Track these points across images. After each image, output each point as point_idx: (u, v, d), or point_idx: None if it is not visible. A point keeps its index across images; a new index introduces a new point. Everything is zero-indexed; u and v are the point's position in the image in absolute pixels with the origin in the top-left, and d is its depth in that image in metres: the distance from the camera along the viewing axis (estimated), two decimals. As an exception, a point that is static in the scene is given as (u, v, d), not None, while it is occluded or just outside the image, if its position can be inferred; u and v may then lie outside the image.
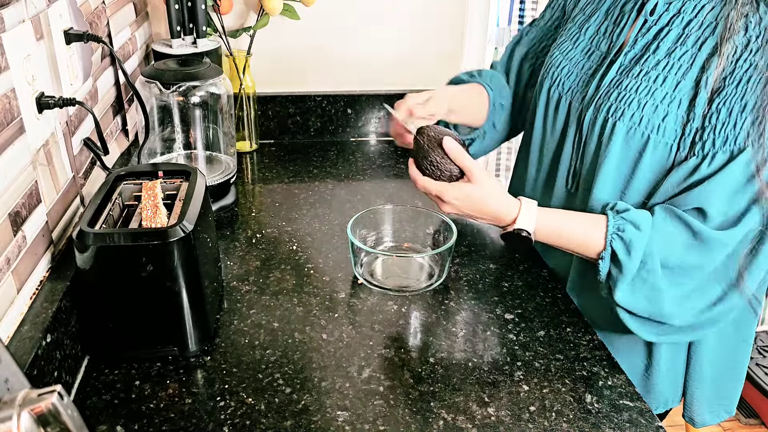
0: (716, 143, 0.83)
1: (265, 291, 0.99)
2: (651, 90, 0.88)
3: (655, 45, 0.89)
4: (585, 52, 0.98)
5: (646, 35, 0.91)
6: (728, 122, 0.82)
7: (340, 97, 1.57)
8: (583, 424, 0.76)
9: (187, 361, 0.84)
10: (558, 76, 1.00)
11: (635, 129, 0.88)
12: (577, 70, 0.98)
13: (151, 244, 0.77)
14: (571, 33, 1.02)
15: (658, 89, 0.87)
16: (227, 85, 1.25)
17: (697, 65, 0.86)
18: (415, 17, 1.54)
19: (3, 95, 0.71)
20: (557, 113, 1.00)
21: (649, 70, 0.89)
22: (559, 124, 1.01)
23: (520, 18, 1.78)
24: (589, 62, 0.97)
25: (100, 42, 0.98)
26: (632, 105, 0.88)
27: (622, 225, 0.86)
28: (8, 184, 0.71)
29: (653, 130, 0.87)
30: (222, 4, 1.38)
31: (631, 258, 0.85)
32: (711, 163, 0.84)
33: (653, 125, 0.87)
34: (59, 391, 0.43)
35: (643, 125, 0.88)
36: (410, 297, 0.99)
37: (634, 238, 0.85)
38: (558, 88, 1.00)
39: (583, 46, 0.99)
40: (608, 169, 0.91)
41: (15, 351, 0.69)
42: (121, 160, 1.21)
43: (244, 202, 1.28)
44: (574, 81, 0.98)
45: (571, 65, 0.99)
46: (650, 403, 1.01)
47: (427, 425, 0.75)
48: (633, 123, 0.88)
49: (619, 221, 0.87)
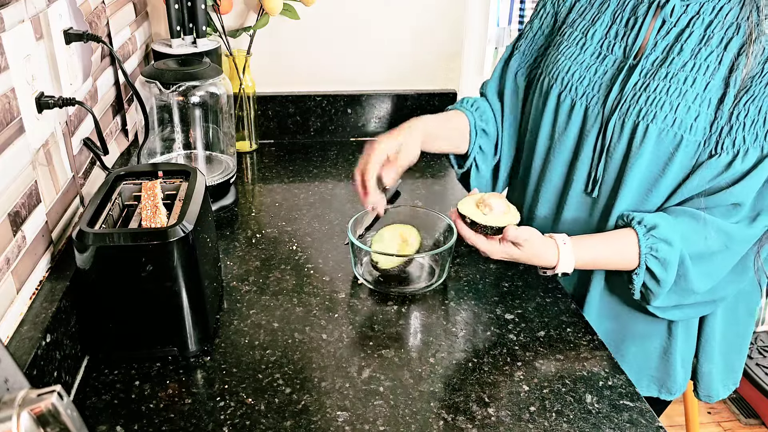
0: (746, 140, 0.86)
1: (265, 291, 0.99)
2: (682, 91, 0.89)
3: (679, 47, 0.90)
4: (596, 56, 0.98)
5: (666, 37, 0.92)
6: (758, 120, 0.85)
7: (340, 97, 1.57)
8: (583, 424, 0.76)
9: (187, 361, 0.84)
10: (569, 81, 0.99)
11: (668, 130, 0.89)
12: (590, 75, 0.97)
13: (151, 244, 0.77)
14: (575, 38, 1.01)
15: (689, 90, 0.88)
16: (227, 85, 1.25)
17: (724, 65, 0.87)
18: (415, 17, 1.54)
19: (3, 95, 0.71)
20: (570, 119, 0.99)
21: (676, 72, 0.89)
22: (573, 130, 1.00)
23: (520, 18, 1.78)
24: (603, 66, 0.96)
25: (99, 42, 0.98)
26: (664, 107, 0.89)
27: (655, 244, 0.89)
28: (8, 184, 0.71)
29: (686, 130, 0.88)
30: (222, 4, 1.38)
31: (668, 272, 0.89)
32: (744, 160, 0.86)
33: (686, 125, 0.88)
34: (59, 391, 0.43)
35: (676, 126, 0.89)
36: (410, 297, 0.99)
37: (669, 255, 0.88)
38: (570, 94, 0.99)
39: (593, 50, 0.98)
40: (637, 172, 0.93)
41: (15, 351, 0.69)
42: (121, 160, 1.21)
43: (244, 202, 1.28)
44: (589, 86, 0.97)
45: (582, 70, 0.98)
46: (670, 387, 1.06)
47: (427, 425, 0.75)
48: (665, 125, 0.89)
49: (650, 240, 0.89)
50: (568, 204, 1.02)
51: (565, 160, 1.02)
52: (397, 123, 1.60)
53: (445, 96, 1.60)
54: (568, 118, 1.00)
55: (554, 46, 1.05)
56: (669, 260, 0.88)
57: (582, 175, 1.00)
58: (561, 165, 1.03)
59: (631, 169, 0.93)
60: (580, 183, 1.00)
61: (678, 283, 0.91)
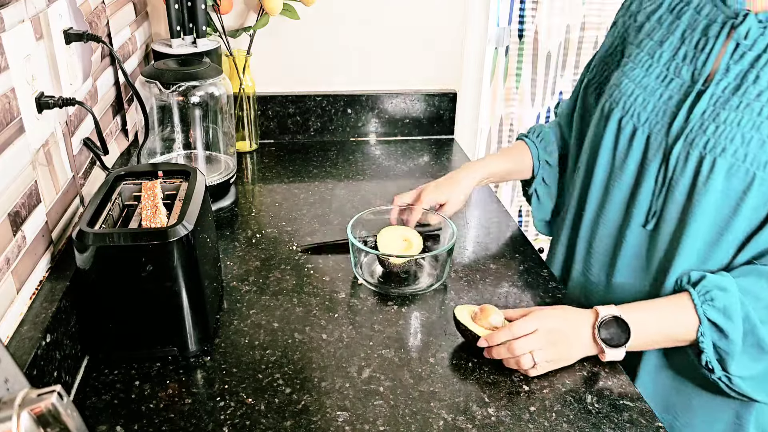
0: None
1: (265, 291, 0.99)
2: (756, 124, 0.79)
3: (755, 74, 0.81)
4: (661, 79, 0.89)
5: (739, 62, 0.82)
6: None
7: (340, 97, 1.57)
8: (583, 424, 0.76)
9: (187, 361, 0.84)
10: (632, 106, 0.91)
11: (738, 166, 0.80)
12: (654, 100, 0.89)
13: (151, 244, 0.77)
14: (641, 60, 0.93)
15: (765, 122, 0.79)
16: (227, 85, 1.25)
17: None
18: (415, 17, 1.54)
19: (3, 95, 0.71)
20: (631, 146, 0.91)
21: (750, 101, 0.80)
22: (635, 159, 0.91)
23: (520, 18, 1.77)
24: (668, 91, 0.88)
25: (99, 42, 0.98)
26: (735, 140, 0.80)
27: (708, 293, 0.81)
28: (8, 184, 0.71)
29: (760, 167, 0.79)
30: (222, 4, 1.38)
31: (733, 321, 0.79)
32: None
33: (760, 162, 0.79)
34: (59, 391, 0.43)
35: (748, 162, 0.79)
36: (410, 297, 0.99)
37: (727, 301, 0.80)
38: (632, 119, 0.91)
39: (657, 73, 0.90)
40: (706, 210, 0.83)
41: (15, 351, 0.69)
42: (121, 160, 1.21)
43: (244, 202, 1.28)
44: (652, 111, 0.89)
45: (646, 94, 0.90)
46: None
47: (427, 425, 0.75)
48: (736, 159, 0.80)
49: (702, 290, 0.81)
50: (627, 238, 0.93)
51: (626, 190, 0.93)
52: (396, 123, 1.61)
53: (445, 96, 1.60)
54: (629, 145, 0.91)
55: (620, 67, 0.97)
56: (729, 307, 0.79)
57: (643, 207, 0.91)
58: (622, 195, 0.94)
59: (697, 206, 0.83)
60: (640, 216, 0.91)
61: (747, 339, 0.80)
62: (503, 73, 1.85)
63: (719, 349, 0.81)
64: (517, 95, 1.88)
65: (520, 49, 1.82)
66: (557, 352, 0.82)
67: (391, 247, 1.04)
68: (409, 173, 1.44)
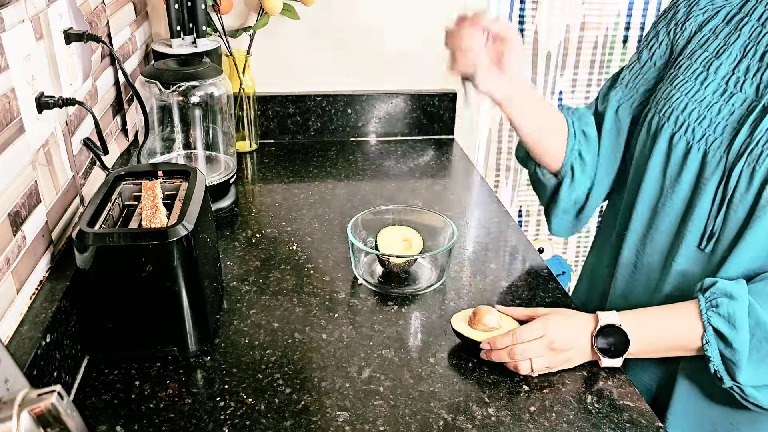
0: None
1: (265, 291, 0.99)
2: None
3: None
4: (720, 93, 0.84)
5: None
6: None
7: (340, 97, 1.57)
8: (583, 424, 0.76)
9: (187, 361, 0.84)
10: (685, 121, 0.86)
11: None
12: (712, 115, 0.84)
13: (151, 244, 0.77)
14: (695, 72, 0.88)
15: None
16: (227, 85, 1.25)
17: None
18: (415, 17, 1.54)
19: (3, 95, 0.71)
20: (685, 164, 0.86)
21: None
22: (689, 177, 0.86)
23: (520, 18, 1.77)
24: (729, 105, 0.83)
25: (99, 42, 0.98)
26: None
27: (714, 300, 0.78)
28: (8, 184, 0.71)
29: None
30: (222, 4, 1.38)
31: (738, 330, 0.76)
32: None
33: None
34: (59, 391, 0.43)
35: None
36: (410, 297, 0.99)
37: (732, 309, 0.77)
38: (685, 135, 0.85)
39: (715, 87, 0.85)
40: (761, 230, 0.79)
41: (15, 351, 0.69)
42: (121, 160, 1.21)
43: (244, 202, 1.28)
44: (710, 127, 0.84)
45: (701, 108, 0.85)
46: None
47: (427, 425, 0.75)
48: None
49: (709, 297, 0.79)
50: (678, 259, 0.88)
51: (678, 210, 0.88)
52: (397, 123, 1.61)
53: (445, 96, 1.60)
54: (683, 163, 0.86)
55: (668, 80, 0.91)
56: (735, 315, 0.76)
57: (698, 228, 0.86)
58: (673, 215, 0.89)
59: (755, 225, 0.80)
60: (694, 237, 0.86)
61: (761, 347, 0.76)
62: (503, 73, 1.85)
63: (725, 358, 0.78)
64: (517, 95, 1.88)
65: (520, 49, 1.82)
66: (557, 360, 0.82)
67: (391, 247, 1.04)
68: (409, 173, 1.44)
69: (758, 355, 0.77)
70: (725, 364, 0.78)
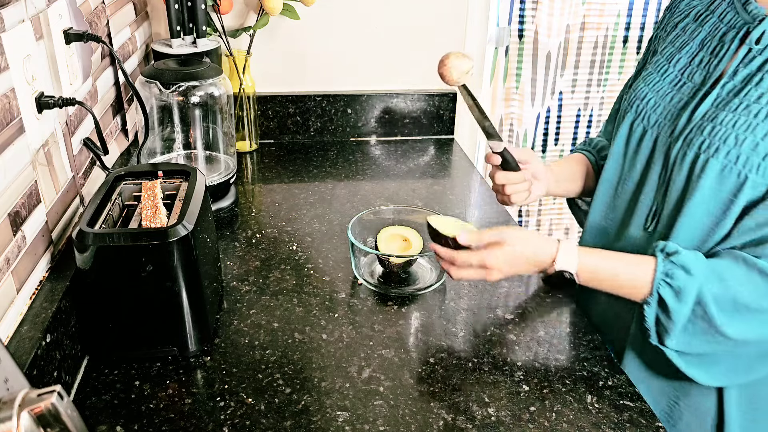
0: None
1: (265, 291, 0.99)
2: (751, 125, 0.79)
3: (759, 77, 0.81)
4: (674, 84, 0.90)
5: (748, 66, 0.82)
6: None
7: (340, 97, 1.57)
8: (583, 424, 0.76)
9: (187, 361, 0.84)
10: (643, 109, 0.92)
11: (731, 167, 0.80)
12: (665, 103, 0.90)
13: (151, 244, 0.77)
14: (659, 65, 0.94)
15: (760, 125, 0.79)
16: (227, 85, 1.25)
17: None
18: (415, 17, 1.54)
19: (3, 95, 0.71)
20: (639, 148, 0.92)
21: (750, 103, 0.80)
22: (641, 160, 0.92)
23: (520, 18, 1.77)
24: (680, 94, 0.89)
25: (99, 42, 0.98)
26: (728, 141, 0.80)
27: (671, 270, 0.81)
28: (8, 184, 0.71)
29: (752, 169, 0.78)
30: (222, 4, 1.38)
31: (681, 304, 0.80)
32: None
33: (752, 165, 0.78)
34: (59, 391, 0.43)
35: (740, 164, 0.79)
36: (410, 297, 0.99)
37: (684, 284, 0.79)
38: (642, 122, 0.92)
39: (672, 78, 0.91)
40: (695, 210, 0.84)
41: (15, 351, 0.69)
42: (121, 160, 1.21)
43: (244, 202, 1.28)
44: (662, 114, 0.90)
45: (657, 97, 0.91)
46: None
47: (427, 425, 0.75)
48: (728, 161, 0.80)
49: (668, 266, 0.81)
50: (628, 239, 0.94)
51: (631, 191, 0.94)
52: (396, 123, 1.61)
53: (445, 96, 1.60)
54: (638, 147, 0.93)
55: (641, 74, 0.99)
56: (684, 290, 0.79)
57: (644, 208, 0.92)
58: (627, 195, 0.95)
59: (687, 207, 0.84)
60: (640, 217, 0.92)
61: (696, 322, 0.80)
62: (503, 73, 1.85)
63: (660, 323, 0.82)
64: (517, 95, 1.88)
65: (520, 49, 1.82)
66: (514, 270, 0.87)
67: (391, 247, 1.04)
68: (409, 173, 1.44)
69: (692, 329, 0.80)
70: (657, 327, 0.83)
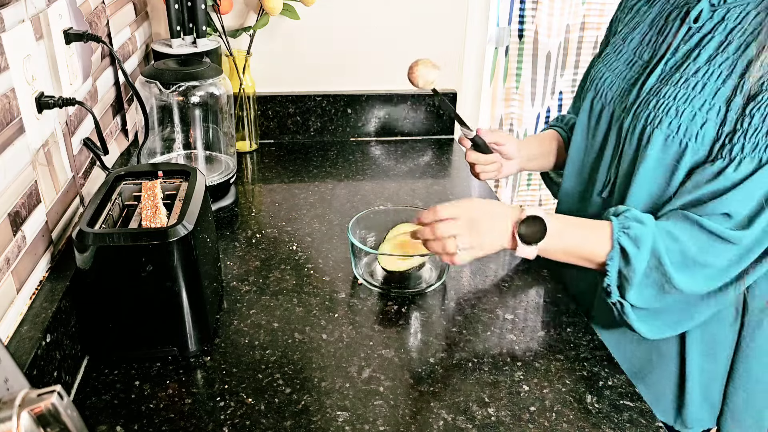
0: (745, 148, 0.81)
1: (265, 291, 0.99)
2: (689, 97, 0.86)
3: (697, 52, 0.88)
4: (627, 62, 0.98)
5: (688, 42, 0.89)
6: (761, 128, 0.80)
7: (340, 97, 1.57)
8: (583, 424, 0.76)
9: (187, 361, 0.84)
10: (601, 87, 1.00)
11: (673, 137, 0.87)
12: (619, 81, 0.98)
13: (151, 244, 0.77)
14: (615, 45, 1.02)
15: (697, 96, 0.86)
16: (227, 85, 1.25)
17: (737, 72, 0.84)
18: (415, 17, 1.54)
19: (3, 95, 0.71)
20: (599, 124, 1.00)
21: (688, 77, 0.87)
22: (600, 135, 1.00)
23: (520, 18, 1.77)
24: (632, 72, 0.96)
25: (99, 42, 0.98)
26: (670, 113, 0.87)
27: (626, 222, 0.86)
28: (8, 184, 0.71)
29: (691, 138, 0.86)
30: (222, 4, 1.38)
31: (641, 251, 0.84)
32: (737, 169, 0.82)
33: (691, 133, 0.86)
34: (59, 391, 0.43)
35: (681, 133, 0.86)
36: (410, 297, 0.99)
37: (640, 232, 0.85)
38: (601, 99, 1.00)
39: (626, 57, 0.99)
40: (643, 178, 0.91)
41: (15, 351, 0.69)
42: (121, 160, 1.21)
43: (244, 202, 1.28)
44: (617, 91, 0.97)
45: (613, 76, 0.99)
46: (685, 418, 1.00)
47: (427, 425, 0.75)
48: (671, 131, 0.87)
49: (622, 220, 0.87)
50: (589, 209, 1.02)
51: (591, 162, 1.03)
52: (396, 123, 1.61)
53: (444, 96, 1.60)
54: (597, 122, 1.01)
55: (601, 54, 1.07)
56: (640, 237, 0.84)
57: (601, 179, 1.00)
58: (588, 167, 1.04)
59: (637, 175, 0.91)
60: (599, 186, 1.00)
61: (650, 274, 0.85)
62: (503, 73, 1.85)
63: (622, 275, 0.86)
64: (517, 95, 1.88)
65: (520, 49, 1.82)
66: (476, 239, 0.88)
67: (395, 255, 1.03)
68: (409, 173, 1.44)
69: (646, 281, 0.85)
70: (620, 281, 0.86)
